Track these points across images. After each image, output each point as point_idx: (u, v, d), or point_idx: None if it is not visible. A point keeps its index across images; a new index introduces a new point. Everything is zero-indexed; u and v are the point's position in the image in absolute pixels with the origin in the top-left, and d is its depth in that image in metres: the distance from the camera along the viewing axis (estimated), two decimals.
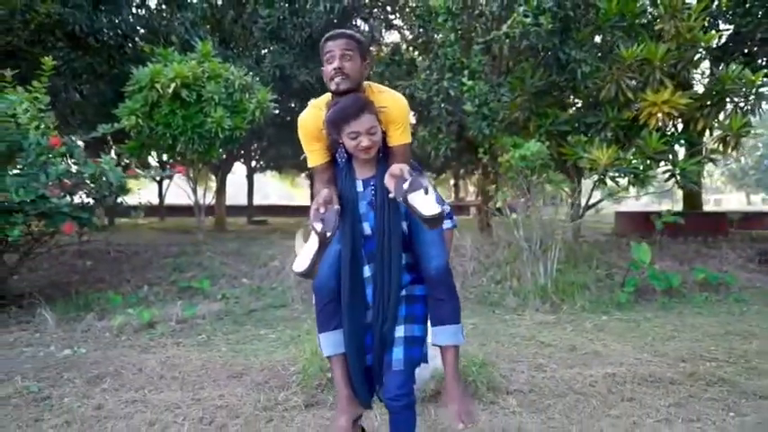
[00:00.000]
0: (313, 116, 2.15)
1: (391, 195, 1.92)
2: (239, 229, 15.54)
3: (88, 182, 5.91)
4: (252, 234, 11.90)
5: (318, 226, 1.84)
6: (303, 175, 32.89)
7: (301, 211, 29.78)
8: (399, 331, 2.12)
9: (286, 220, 23.72)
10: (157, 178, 18.67)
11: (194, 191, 9.42)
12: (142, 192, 8.44)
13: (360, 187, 2.13)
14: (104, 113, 12.44)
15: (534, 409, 3.47)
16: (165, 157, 11.04)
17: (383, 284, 2.07)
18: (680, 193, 15.64)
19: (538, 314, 6.34)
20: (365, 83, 2.15)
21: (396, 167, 1.94)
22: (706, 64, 12.63)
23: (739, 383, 3.90)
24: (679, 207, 14.65)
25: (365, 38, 2.09)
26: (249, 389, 3.75)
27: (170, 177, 12.95)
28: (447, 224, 2.25)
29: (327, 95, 2.16)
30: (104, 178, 6.01)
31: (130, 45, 11.50)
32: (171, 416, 3.34)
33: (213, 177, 18.50)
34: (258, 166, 23.36)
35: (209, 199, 13.95)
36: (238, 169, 22.53)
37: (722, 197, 62.24)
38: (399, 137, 2.13)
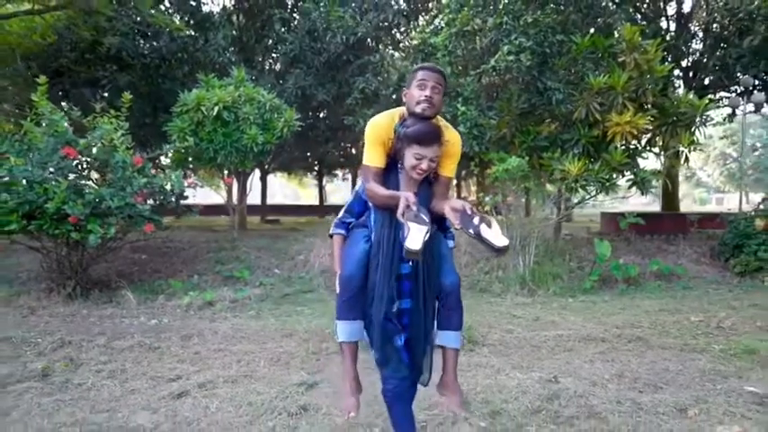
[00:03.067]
0: (386, 123, 2.40)
1: (458, 227, 2.16)
2: (258, 227, 17.06)
3: (157, 191, 7.44)
4: (273, 232, 13.40)
5: (425, 218, 2.11)
6: (310, 175, 34.50)
7: (309, 210, 31.30)
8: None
9: (296, 219, 25.21)
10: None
11: (230, 196, 10.96)
12: None
13: None
14: (141, 125, 14.02)
15: (500, 354, 4.98)
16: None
17: (424, 284, 2.36)
18: (678, 194, 17.29)
19: (517, 297, 7.87)
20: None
21: (458, 203, 2.18)
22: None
23: (651, 341, 5.42)
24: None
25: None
26: (299, 342, 5.29)
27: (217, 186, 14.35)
28: (450, 244, 2.59)
29: (401, 109, 2.43)
30: (169, 187, 7.56)
31: (167, 66, 13.01)
32: (249, 357, 4.86)
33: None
34: (270, 168, 24.79)
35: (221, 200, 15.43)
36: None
37: (724, 196, 63.43)
38: (450, 171, 2.48)
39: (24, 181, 6.44)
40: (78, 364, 4.62)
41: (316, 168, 29.98)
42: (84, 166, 7.17)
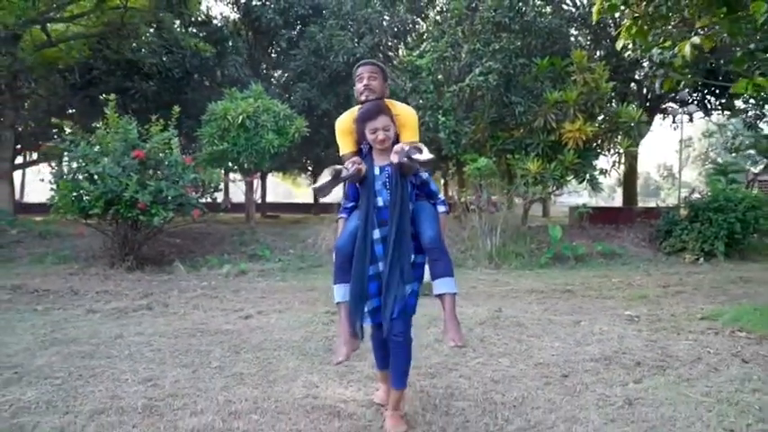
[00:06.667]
0: (347, 118, 2.95)
1: (395, 160, 2.65)
2: (263, 221, 18.98)
3: (200, 185, 9.36)
4: (280, 224, 15.35)
5: (339, 167, 2.59)
6: (304, 175, 36.42)
7: (304, 208, 33.17)
8: (408, 288, 2.76)
9: (293, 215, 27.08)
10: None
11: (249, 191, 12.92)
12: None
13: (377, 171, 2.82)
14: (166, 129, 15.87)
15: (464, 299, 6.94)
16: None
17: (397, 242, 2.72)
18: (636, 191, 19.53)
19: (485, 270, 9.87)
20: (386, 99, 2.88)
21: (397, 146, 2.71)
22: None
23: (577, 292, 7.44)
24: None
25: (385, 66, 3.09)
26: (320, 292, 7.24)
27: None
28: (441, 209, 2.95)
29: (358, 107, 2.91)
30: (209, 182, 9.49)
31: (189, 78, 14.90)
32: (286, 300, 6.80)
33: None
34: (269, 167, 26.56)
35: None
36: None
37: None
38: (410, 137, 2.88)
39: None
40: (166, 304, 6.54)
41: (310, 168, 31.90)
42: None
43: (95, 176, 8.18)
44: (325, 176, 2.71)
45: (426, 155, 2.61)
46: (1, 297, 6.73)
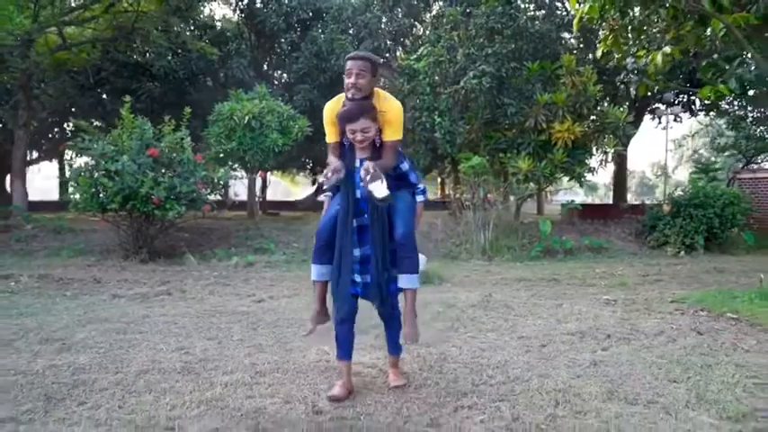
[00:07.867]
0: (333, 107, 3.01)
1: (362, 184, 2.75)
2: (265, 217, 19.51)
3: (209, 182, 9.92)
4: (281, 220, 15.89)
5: (322, 179, 2.75)
6: (302, 173, 37.01)
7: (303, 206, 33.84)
8: (386, 274, 3.00)
9: (292, 213, 27.66)
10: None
11: (252, 189, 13.49)
12: None
13: (357, 164, 2.93)
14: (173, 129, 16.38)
15: (458, 286, 7.55)
16: None
17: (376, 230, 2.91)
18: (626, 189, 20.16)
19: (478, 262, 10.46)
20: (376, 89, 2.93)
21: (367, 164, 2.72)
22: None
23: (562, 281, 8.04)
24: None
25: (377, 58, 3.01)
26: None
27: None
28: (419, 198, 3.14)
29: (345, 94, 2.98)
30: (218, 180, 10.06)
31: (194, 79, 15.45)
32: (294, 287, 7.37)
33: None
34: (271, 166, 27.16)
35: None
36: None
37: None
38: (392, 135, 2.93)
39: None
40: (183, 291, 7.11)
41: (309, 167, 32.48)
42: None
43: (113, 173, 8.72)
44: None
45: (383, 191, 2.69)
46: (31, 284, 7.31)
